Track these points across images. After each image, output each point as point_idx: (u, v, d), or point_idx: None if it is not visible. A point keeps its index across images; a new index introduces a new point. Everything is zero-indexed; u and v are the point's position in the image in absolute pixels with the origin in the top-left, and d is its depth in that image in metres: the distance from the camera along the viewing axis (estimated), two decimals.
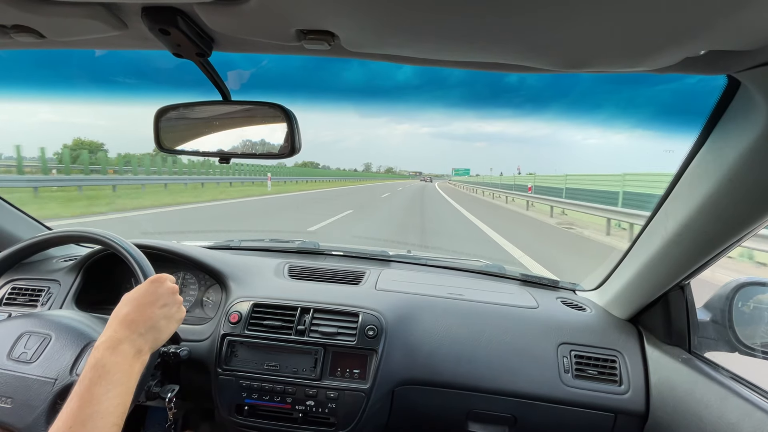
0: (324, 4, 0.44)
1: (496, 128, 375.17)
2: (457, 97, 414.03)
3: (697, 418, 0.79)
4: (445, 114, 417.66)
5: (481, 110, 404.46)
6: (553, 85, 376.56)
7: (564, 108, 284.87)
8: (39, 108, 35.37)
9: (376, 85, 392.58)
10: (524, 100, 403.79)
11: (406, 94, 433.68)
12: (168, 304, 0.73)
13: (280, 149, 0.75)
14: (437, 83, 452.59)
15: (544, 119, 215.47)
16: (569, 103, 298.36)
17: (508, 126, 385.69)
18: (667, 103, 66.00)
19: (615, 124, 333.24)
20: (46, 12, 0.49)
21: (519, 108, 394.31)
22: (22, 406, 0.73)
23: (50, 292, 1.14)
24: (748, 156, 0.62)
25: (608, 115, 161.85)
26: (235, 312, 1.05)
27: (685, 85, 69.63)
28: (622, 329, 1.06)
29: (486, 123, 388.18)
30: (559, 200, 12.09)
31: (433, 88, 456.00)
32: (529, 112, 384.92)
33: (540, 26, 0.45)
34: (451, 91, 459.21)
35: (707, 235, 0.76)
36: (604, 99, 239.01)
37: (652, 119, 51.72)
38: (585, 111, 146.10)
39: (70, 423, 0.53)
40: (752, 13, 0.40)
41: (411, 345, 1.03)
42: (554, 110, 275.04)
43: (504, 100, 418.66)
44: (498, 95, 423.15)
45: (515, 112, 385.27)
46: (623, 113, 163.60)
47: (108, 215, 7.83)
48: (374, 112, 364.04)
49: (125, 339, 0.64)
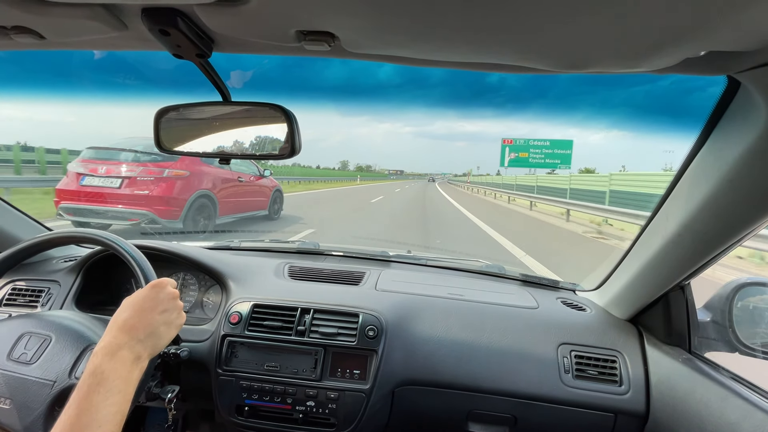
0: (324, 5, 0.44)
1: (477, 127, 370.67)
2: (438, 96, 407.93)
3: (698, 418, 0.79)
4: (426, 113, 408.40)
5: (462, 109, 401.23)
6: (533, 86, 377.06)
7: (543, 108, 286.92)
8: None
9: (358, 84, 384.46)
10: (505, 100, 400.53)
11: (388, 92, 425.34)
12: (168, 309, 0.73)
13: (280, 150, 0.75)
14: (419, 82, 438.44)
15: (524, 119, 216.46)
16: (548, 103, 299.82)
17: (488, 125, 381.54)
18: (641, 105, 66.30)
19: (592, 124, 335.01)
20: (46, 13, 0.49)
21: (500, 107, 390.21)
22: (21, 407, 0.72)
23: (50, 292, 1.14)
24: (748, 156, 0.62)
25: (585, 115, 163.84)
26: (235, 312, 1.05)
27: (658, 87, 69.29)
28: (622, 329, 1.06)
29: (467, 122, 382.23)
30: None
31: (415, 87, 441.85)
32: (509, 112, 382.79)
33: (540, 27, 0.45)
34: (433, 90, 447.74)
35: (707, 235, 0.76)
36: (581, 100, 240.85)
37: (628, 120, 51.81)
38: (563, 111, 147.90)
39: (68, 431, 0.53)
40: (752, 14, 0.40)
41: (411, 345, 1.03)
42: (533, 110, 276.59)
43: (485, 100, 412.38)
44: (479, 95, 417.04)
45: (496, 112, 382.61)
46: (599, 114, 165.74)
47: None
48: (355, 110, 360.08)
49: (124, 345, 0.63)
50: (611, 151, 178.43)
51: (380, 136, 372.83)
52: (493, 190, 23.05)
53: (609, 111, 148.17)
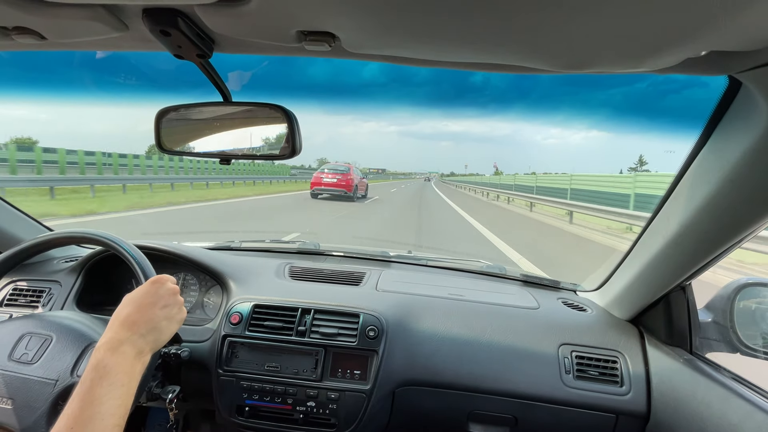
0: (325, 5, 0.44)
1: (461, 127, 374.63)
2: (423, 96, 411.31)
3: (699, 419, 0.79)
4: (411, 112, 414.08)
5: (447, 109, 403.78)
6: (517, 86, 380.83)
7: (525, 108, 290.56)
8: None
9: (342, 82, 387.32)
10: (489, 100, 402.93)
11: (373, 91, 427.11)
12: (169, 304, 0.73)
13: (280, 150, 0.75)
14: (403, 81, 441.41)
15: (507, 118, 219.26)
16: (531, 102, 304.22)
17: (472, 125, 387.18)
18: (619, 106, 66.93)
19: (572, 125, 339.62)
20: (47, 14, 0.49)
21: (483, 107, 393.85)
22: (23, 407, 0.73)
23: (51, 293, 1.14)
24: (749, 157, 0.62)
25: (566, 115, 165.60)
26: (235, 313, 1.05)
27: (635, 89, 70.52)
28: (623, 330, 1.06)
29: (452, 122, 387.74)
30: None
31: (400, 86, 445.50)
32: (493, 112, 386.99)
33: (541, 27, 0.45)
34: (418, 89, 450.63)
35: (708, 235, 0.76)
36: (563, 101, 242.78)
37: (607, 120, 51.96)
38: (545, 111, 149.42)
39: (71, 424, 0.53)
40: (753, 14, 0.40)
41: (412, 346, 1.03)
42: (517, 110, 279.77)
43: (469, 100, 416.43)
44: (463, 94, 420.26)
45: (480, 111, 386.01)
46: (580, 115, 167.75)
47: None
48: (340, 109, 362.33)
49: (126, 340, 0.64)
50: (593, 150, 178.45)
51: (365, 135, 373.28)
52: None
53: (589, 112, 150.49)
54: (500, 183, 25.35)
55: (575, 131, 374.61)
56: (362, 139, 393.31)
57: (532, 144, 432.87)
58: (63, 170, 13.17)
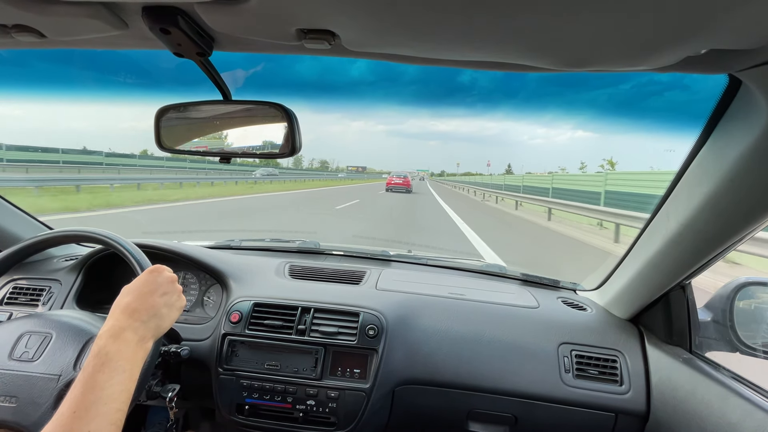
0: (325, 3, 0.44)
1: (449, 127, 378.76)
2: (411, 95, 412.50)
3: (698, 418, 0.79)
4: (399, 111, 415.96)
5: (435, 108, 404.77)
6: (504, 86, 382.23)
7: (513, 108, 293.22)
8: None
9: (331, 80, 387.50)
10: (476, 100, 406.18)
11: (361, 90, 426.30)
12: (168, 292, 0.73)
13: (280, 149, 0.75)
14: (392, 80, 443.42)
15: (495, 118, 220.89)
16: (518, 102, 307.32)
17: (460, 124, 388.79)
18: (604, 107, 67.42)
19: (558, 125, 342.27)
20: (47, 12, 0.49)
21: (471, 107, 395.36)
22: (28, 404, 0.72)
23: (51, 291, 1.14)
24: (749, 155, 0.62)
25: (553, 116, 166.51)
26: (235, 311, 1.06)
27: (619, 90, 70.93)
28: (622, 329, 1.06)
29: (440, 121, 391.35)
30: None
31: (388, 84, 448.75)
32: (480, 112, 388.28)
33: (541, 26, 0.45)
34: (406, 88, 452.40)
35: (708, 234, 0.75)
36: (550, 101, 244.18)
37: (592, 121, 52.15)
38: (532, 112, 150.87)
39: (74, 408, 0.53)
40: (753, 12, 0.40)
41: (411, 345, 1.03)
42: (504, 110, 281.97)
43: (457, 99, 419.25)
44: (451, 94, 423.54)
45: (468, 111, 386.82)
46: (566, 115, 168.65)
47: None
48: (328, 107, 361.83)
49: (128, 327, 0.64)
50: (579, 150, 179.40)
51: (353, 134, 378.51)
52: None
53: (575, 112, 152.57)
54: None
55: (562, 131, 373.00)
56: (351, 138, 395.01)
57: (518, 143, 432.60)
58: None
